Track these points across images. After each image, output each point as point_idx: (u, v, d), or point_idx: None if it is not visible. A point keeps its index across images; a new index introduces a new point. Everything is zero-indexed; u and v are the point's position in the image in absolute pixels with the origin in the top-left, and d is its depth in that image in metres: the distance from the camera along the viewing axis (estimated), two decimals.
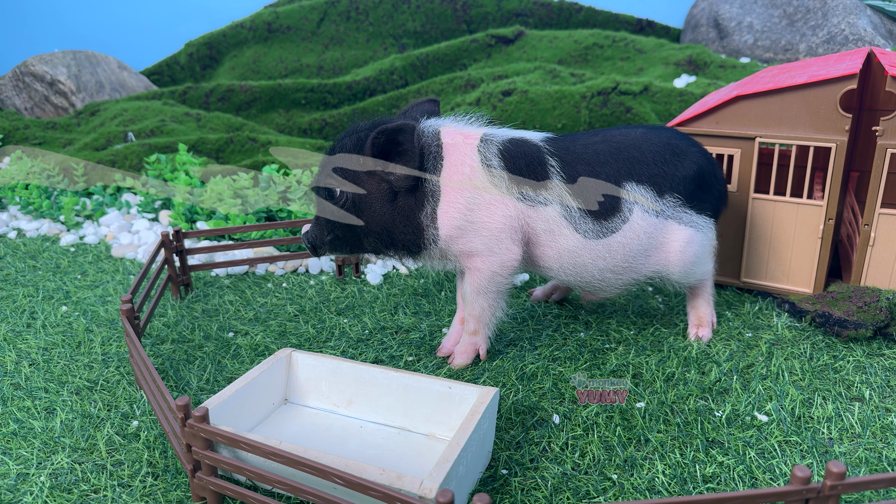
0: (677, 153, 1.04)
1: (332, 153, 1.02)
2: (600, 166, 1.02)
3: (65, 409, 0.97)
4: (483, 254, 1.00)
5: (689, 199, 1.04)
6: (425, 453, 0.84)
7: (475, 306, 1.04)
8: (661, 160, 1.03)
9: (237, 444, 0.72)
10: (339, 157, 1.01)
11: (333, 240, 1.04)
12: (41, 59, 2.87)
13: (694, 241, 1.05)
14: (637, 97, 2.09)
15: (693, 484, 0.79)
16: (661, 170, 1.03)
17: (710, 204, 1.07)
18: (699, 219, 1.05)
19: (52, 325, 1.24)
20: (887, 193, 1.29)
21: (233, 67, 3.22)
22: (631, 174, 1.02)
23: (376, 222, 1.00)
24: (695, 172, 1.04)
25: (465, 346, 1.07)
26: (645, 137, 1.05)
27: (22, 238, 1.74)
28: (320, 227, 1.04)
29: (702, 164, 1.06)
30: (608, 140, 1.05)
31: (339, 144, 1.02)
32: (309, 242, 1.06)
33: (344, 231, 1.02)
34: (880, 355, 1.07)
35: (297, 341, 1.16)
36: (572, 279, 1.05)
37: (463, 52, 2.98)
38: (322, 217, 1.03)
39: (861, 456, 0.83)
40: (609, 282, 1.05)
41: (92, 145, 2.30)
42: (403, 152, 0.96)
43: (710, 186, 1.07)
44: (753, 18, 2.86)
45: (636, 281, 1.07)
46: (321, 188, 1.02)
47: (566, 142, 1.05)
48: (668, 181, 1.03)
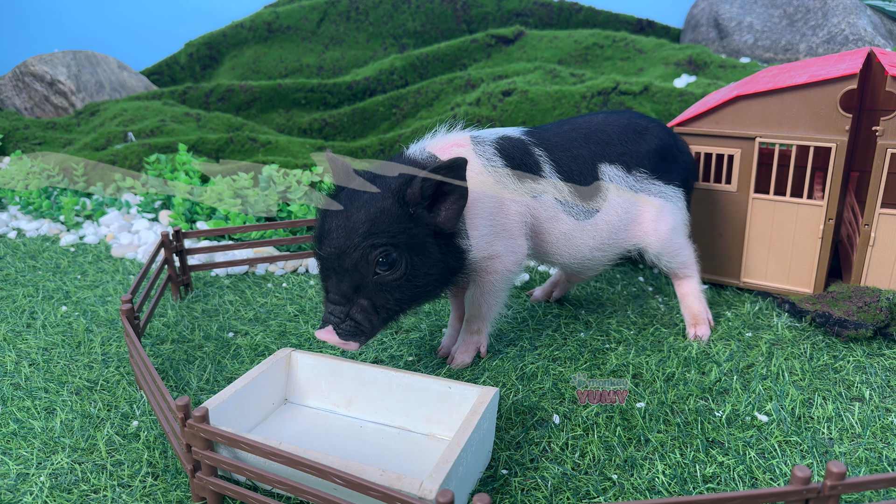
0: (639, 131, 1.12)
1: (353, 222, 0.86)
2: (576, 151, 1.07)
3: (65, 410, 0.97)
4: (502, 255, 1.00)
5: (654, 171, 1.10)
6: (425, 453, 0.84)
7: (483, 307, 1.04)
8: (626, 139, 1.10)
9: (237, 444, 0.72)
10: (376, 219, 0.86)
11: (388, 317, 0.90)
12: (41, 59, 2.87)
13: (665, 209, 1.10)
14: (637, 97, 2.09)
15: (693, 484, 0.79)
16: (627, 148, 1.09)
17: (676, 174, 1.13)
18: (668, 189, 1.11)
19: (52, 325, 1.24)
20: (887, 193, 1.29)
21: (233, 67, 3.22)
22: (602, 156, 1.08)
23: (434, 270, 0.90)
24: (657, 146, 1.11)
25: (467, 345, 1.06)
26: (608, 121, 1.12)
27: (22, 238, 1.74)
28: (367, 311, 0.88)
29: (662, 138, 1.13)
30: (576, 128, 1.11)
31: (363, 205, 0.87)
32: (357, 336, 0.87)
33: (405, 301, 0.89)
34: (880, 355, 1.06)
35: (297, 341, 1.16)
36: (567, 261, 1.08)
37: (463, 52, 2.97)
38: (368, 298, 0.87)
39: (861, 456, 0.83)
40: (597, 259, 1.10)
41: (92, 145, 2.30)
42: (453, 191, 0.89)
43: (674, 158, 1.13)
44: (753, 18, 2.86)
45: (618, 255, 1.12)
46: (362, 264, 0.85)
47: (541, 133, 1.09)
48: (633, 158, 1.09)
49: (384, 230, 0.86)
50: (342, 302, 0.88)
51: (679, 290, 1.18)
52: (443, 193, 0.89)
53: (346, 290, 0.87)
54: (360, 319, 0.88)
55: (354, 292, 0.87)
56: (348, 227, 0.86)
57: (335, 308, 0.88)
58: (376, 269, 0.86)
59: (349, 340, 0.87)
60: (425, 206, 0.89)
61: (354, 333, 0.88)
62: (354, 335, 0.88)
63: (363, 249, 0.85)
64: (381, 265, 0.86)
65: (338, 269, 0.86)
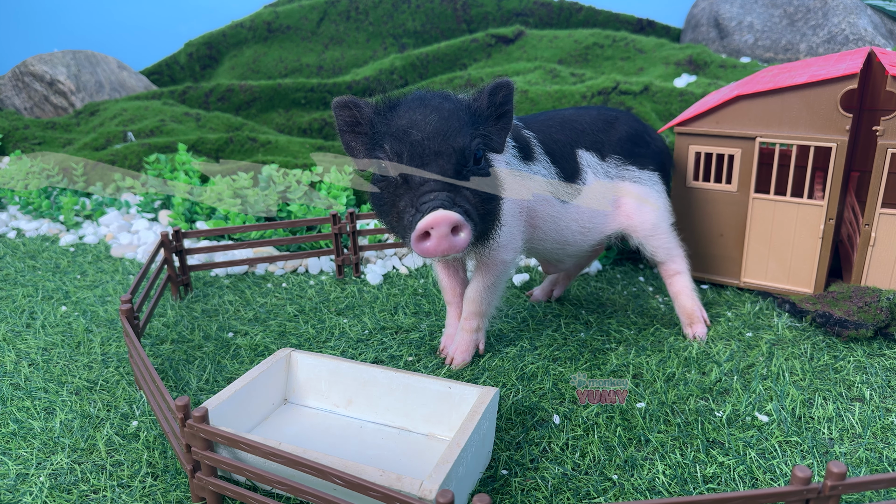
0: (609, 121, 1.16)
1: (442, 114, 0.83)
2: (556, 135, 1.10)
3: (64, 410, 0.97)
4: (506, 245, 1.01)
5: (628, 157, 1.14)
6: (425, 453, 0.84)
7: (483, 302, 1.04)
8: (597, 128, 1.14)
9: (237, 444, 0.72)
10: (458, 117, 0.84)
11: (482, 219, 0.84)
12: (41, 58, 2.87)
13: (644, 194, 1.13)
14: (637, 97, 2.09)
15: (693, 484, 0.79)
16: (599, 137, 1.13)
17: (650, 159, 1.16)
18: (643, 173, 1.14)
19: (52, 326, 1.24)
20: (888, 193, 1.28)
21: (232, 67, 3.21)
22: (578, 142, 1.12)
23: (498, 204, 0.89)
24: (627, 133, 1.15)
25: (467, 343, 1.06)
26: (578, 112, 1.17)
27: (21, 238, 1.74)
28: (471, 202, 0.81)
29: (632, 125, 1.17)
30: (552, 117, 1.14)
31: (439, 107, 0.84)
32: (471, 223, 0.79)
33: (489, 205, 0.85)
34: (881, 355, 1.06)
35: (296, 341, 1.16)
36: (550, 245, 1.10)
37: (463, 51, 2.97)
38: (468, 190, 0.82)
39: (862, 456, 0.83)
40: (578, 244, 1.11)
41: (92, 145, 2.30)
42: (507, 113, 0.89)
43: (646, 143, 1.16)
44: (754, 18, 2.86)
45: (600, 241, 1.14)
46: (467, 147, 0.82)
47: (525, 120, 1.12)
48: (606, 145, 1.13)
49: (467, 126, 0.84)
50: (447, 188, 0.79)
51: (671, 288, 1.18)
52: (501, 114, 0.90)
53: (451, 174, 0.79)
54: (468, 207, 0.79)
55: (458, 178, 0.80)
56: (440, 117, 0.82)
57: (440, 194, 0.78)
58: (473, 159, 0.83)
59: (465, 223, 0.77)
60: (490, 118, 0.88)
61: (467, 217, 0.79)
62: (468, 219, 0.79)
63: (469, 134, 0.82)
64: (477, 157, 0.83)
65: (442, 152, 0.80)
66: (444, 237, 0.77)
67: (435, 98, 0.88)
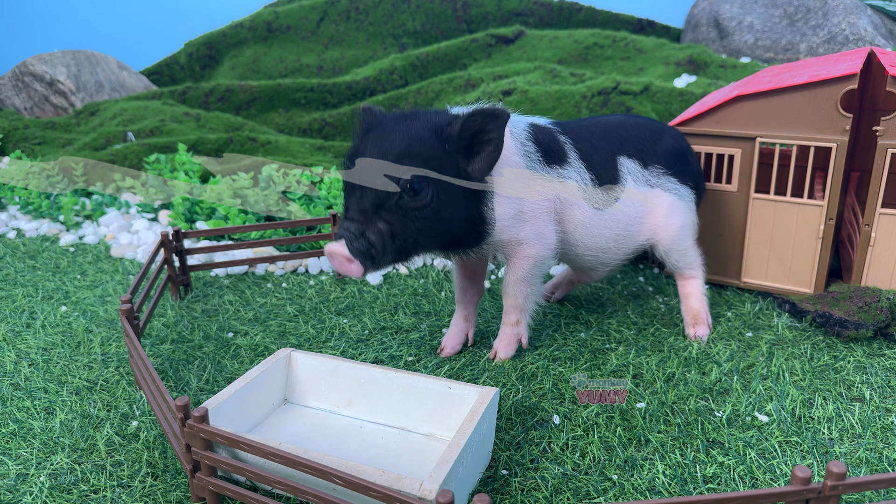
0: (656, 132, 1.16)
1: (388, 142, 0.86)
2: (597, 142, 1.09)
3: (64, 410, 0.97)
4: (531, 241, 1.00)
5: (670, 169, 1.13)
6: (425, 454, 0.84)
7: (519, 296, 1.04)
8: (644, 138, 1.14)
9: (237, 444, 0.72)
10: (412, 144, 0.86)
11: (402, 248, 0.88)
12: (41, 58, 2.87)
13: (677, 206, 1.13)
14: (637, 97, 2.09)
15: (693, 484, 0.79)
16: (644, 146, 1.13)
17: (689, 177, 1.16)
18: (682, 188, 1.14)
19: (52, 326, 1.24)
20: (888, 193, 1.28)
21: (232, 67, 3.21)
22: (621, 149, 1.11)
23: (456, 217, 0.90)
24: (672, 147, 1.15)
25: (509, 338, 1.07)
26: (626, 120, 1.16)
27: (21, 238, 1.74)
28: (383, 235, 0.86)
29: (678, 141, 1.17)
30: (596, 123, 1.14)
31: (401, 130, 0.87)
32: (367, 258, 0.85)
33: (422, 235, 0.88)
34: (881, 355, 1.06)
35: (296, 341, 1.16)
36: (583, 252, 1.09)
37: (463, 51, 2.97)
38: (387, 222, 0.86)
39: (862, 456, 0.83)
40: (612, 252, 1.11)
41: (91, 145, 2.30)
42: (490, 141, 0.89)
43: (688, 162, 1.17)
44: (754, 18, 2.86)
45: (633, 250, 1.13)
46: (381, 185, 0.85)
47: (565, 125, 1.12)
48: (650, 155, 1.13)
49: (417, 154, 0.86)
50: (360, 220, 0.86)
51: (682, 289, 1.18)
52: (480, 142, 0.89)
53: (367, 208, 0.86)
54: (373, 241, 0.86)
55: (375, 212, 0.86)
56: (382, 146, 0.86)
57: (351, 224, 0.86)
58: (402, 192, 0.85)
59: (357, 259, 0.85)
60: (462, 146, 0.89)
61: (365, 254, 0.85)
62: (364, 256, 0.85)
63: (408, 164, 0.85)
64: (407, 189, 0.85)
65: (363, 185, 0.86)
66: (341, 264, 0.86)
67: (400, 122, 0.89)
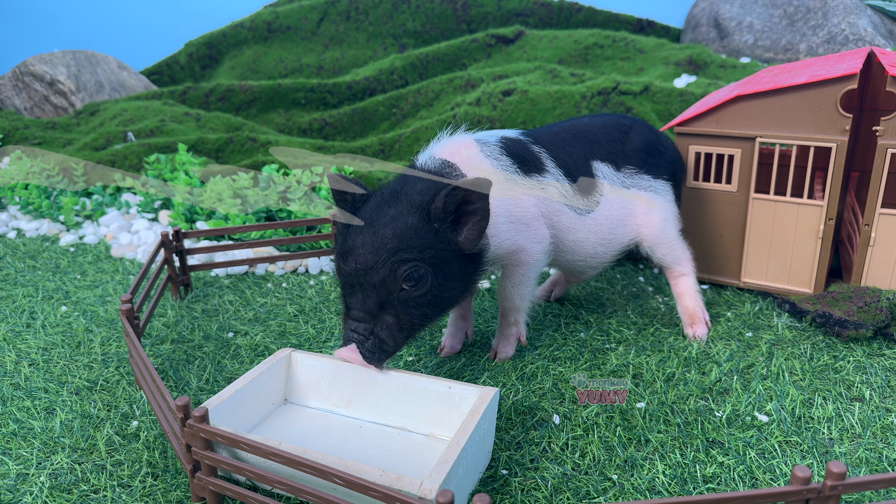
0: (623, 130, 1.16)
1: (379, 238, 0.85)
2: (569, 148, 1.10)
3: (64, 410, 0.97)
4: (527, 246, 1.01)
5: (642, 167, 1.14)
6: (425, 453, 0.84)
7: (516, 299, 1.05)
8: (612, 139, 1.14)
9: (237, 444, 0.72)
10: (403, 235, 0.85)
11: (410, 334, 0.89)
12: (41, 58, 2.87)
13: (654, 201, 1.14)
14: (637, 97, 2.09)
15: (693, 484, 0.79)
16: (614, 147, 1.14)
17: (663, 169, 1.16)
18: (657, 183, 1.15)
19: (52, 326, 1.24)
20: (888, 193, 1.28)
21: (232, 67, 3.21)
22: (593, 154, 1.11)
23: (458, 284, 0.90)
24: (641, 144, 1.15)
25: (508, 337, 1.07)
26: (593, 122, 1.16)
27: (21, 238, 1.74)
28: (391, 328, 0.87)
29: (647, 135, 1.17)
30: (565, 129, 1.14)
31: (388, 220, 0.86)
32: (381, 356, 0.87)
33: (429, 317, 0.89)
34: (881, 355, 1.06)
35: (296, 341, 1.16)
36: (571, 257, 1.10)
37: (463, 51, 2.97)
38: (393, 315, 0.86)
39: (861, 456, 0.83)
40: (600, 256, 1.12)
41: (92, 145, 2.30)
42: (476, 211, 0.87)
43: (660, 153, 1.17)
44: (754, 18, 2.86)
45: (618, 252, 1.14)
46: (390, 280, 0.84)
47: (535, 133, 1.12)
48: (621, 157, 1.14)
49: (411, 246, 0.85)
50: (366, 319, 0.86)
51: (675, 289, 1.18)
52: (465, 213, 0.88)
53: (371, 307, 0.86)
54: (384, 337, 0.87)
55: (379, 309, 0.86)
56: (375, 244, 0.85)
57: (359, 325, 0.87)
58: (403, 285, 0.85)
59: (373, 362, 0.86)
60: (448, 220, 0.88)
61: (378, 353, 0.87)
62: (378, 355, 0.87)
63: (391, 265, 0.84)
64: (408, 281, 0.85)
65: (364, 285, 0.85)
66: (360, 362, 0.87)
67: (383, 209, 0.88)
